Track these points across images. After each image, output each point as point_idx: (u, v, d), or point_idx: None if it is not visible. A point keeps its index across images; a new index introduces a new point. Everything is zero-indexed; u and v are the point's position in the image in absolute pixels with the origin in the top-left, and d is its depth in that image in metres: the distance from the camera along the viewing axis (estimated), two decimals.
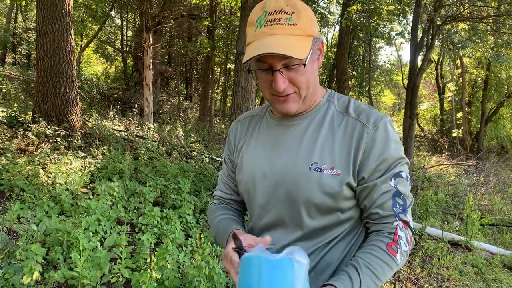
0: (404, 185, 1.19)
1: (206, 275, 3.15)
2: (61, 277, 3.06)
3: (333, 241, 1.23)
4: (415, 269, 4.88)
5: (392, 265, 1.15)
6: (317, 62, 1.22)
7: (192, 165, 7.19)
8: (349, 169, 1.17)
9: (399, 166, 1.18)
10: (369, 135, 1.17)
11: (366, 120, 1.20)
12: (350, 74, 18.15)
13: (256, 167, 1.30)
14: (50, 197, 4.40)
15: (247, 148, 1.36)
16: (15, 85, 13.16)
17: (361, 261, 1.13)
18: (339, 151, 1.18)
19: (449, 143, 20.94)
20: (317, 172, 1.17)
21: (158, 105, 16.30)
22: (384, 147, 1.17)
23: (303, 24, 1.12)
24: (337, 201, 1.19)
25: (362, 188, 1.19)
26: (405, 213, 1.18)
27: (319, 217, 1.21)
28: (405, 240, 1.17)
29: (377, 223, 1.20)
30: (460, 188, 9.55)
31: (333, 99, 1.29)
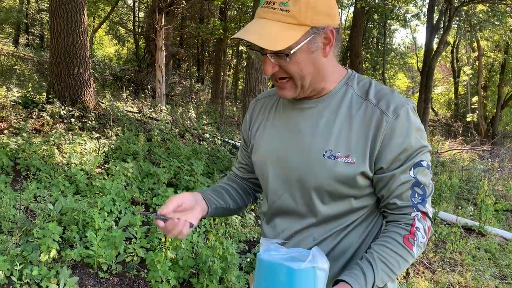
0: (424, 174, 1.14)
1: (220, 255, 3.17)
2: (77, 256, 3.11)
3: (348, 228, 1.21)
4: (428, 254, 4.87)
5: (408, 258, 1.12)
6: (321, 51, 1.13)
7: (205, 147, 7.20)
8: (365, 158, 1.13)
9: (420, 155, 1.13)
10: (388, 123, 1.11)
11: (386, 107, 1.13)
12: (364, 57, 17.92)
13: (270, 150, 1.28)
14: (66, 176, 4.45)
15: (264, 129, 1.33)
16: (29, 66, 13.24)
17: (376, 255, 1.11)
18: (356, 138, 1.14)
19: (464, 127, 20.68)
20: (331, 160, 1.14)
21: (170, 87, 16.30)
22: (405, 137, 1.12)
23: (298, 11, 1.06)
24: (351, 189, 1.16)
25: (379, 178, 1.15)
26: (424, 203, 1.14)
27: (332, 203, 1.18)
28: (422, 232, 1.13)
29: (395, 214, 1.17)
30: (474, 173, 9.46)
31: (352, 82, 1.21)
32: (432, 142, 14.75)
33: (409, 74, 30.45)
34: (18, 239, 3.07)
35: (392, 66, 23.05)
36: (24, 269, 2.80)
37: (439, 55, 11.46)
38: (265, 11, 1.09)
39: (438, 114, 26.15)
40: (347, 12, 24.46)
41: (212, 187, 1.44)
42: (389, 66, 22.21)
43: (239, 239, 4.14)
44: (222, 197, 1.39)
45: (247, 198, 1.50)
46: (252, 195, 1.52)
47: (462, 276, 4.42)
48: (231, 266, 3.16)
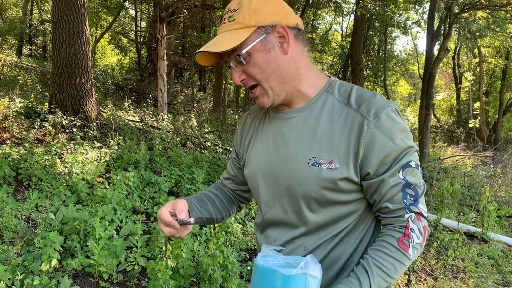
0: (414, 174, 1.14)
1: (220, 263, 3.17)
2: (78, 265, 3.12)
3: (338, 236, 1.21)
4: (430, 260, 4.85)
5: (404, 260, 1.12)
6: (279, 50, 1.17)
7: (206, 156, 7.22)
8: (348, 163, 1.13)
9: (407, 156, 1.13)
10: (369, 127, 1.11)
11: (366, 111, 1.13)
12: (365, 64, 17.95)
13: (260, 162, 1.30)
14: (67, 186, 4.47)
15: (254, 142, 1.36)
16: (32, 76, 13.33)
17: (371, 260, 1.11)
18: (338, 144, 1.14)
19: (466, 133, 20.65)
20: (316, 167, 1.15)
21: (172, 95, 16.36)
22: (388, 139, 1.12)
23: (242, 17, 1.14)
24: (337, 195, 1.16)
25: (369, 184, 1.15)
26: (417, 204, 1.14)
27: (321, 211, 1.19)
28: (417, 233, 1.13)
29: (388, 217, 1.17)
30: (476, 179, 9.43)
31: (333, 89, 1.22)
32: (435, 148, 14.73)
33: (410, 80, 30.46)
34: (19, 249, 3.08)
35: (394, 73, 23.05)
36: (26, 278, 2.81)
37: (440, 61, 11.47)
38: (220, 28, 1.20)
39: (440, 120, 26.12)
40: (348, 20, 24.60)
41: (197, 195, 1.46)
42: (390, 73, 22.21)
43: (240, 247, 4.14)
44: (205, 207, 1.42)
45: (231, 208, 1.52)
46: (237, 205, 1.55)
47: (464, 283, 4.40)
48: (232, 274, 3.16)
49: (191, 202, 1.37)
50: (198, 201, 1.41)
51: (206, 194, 1.47)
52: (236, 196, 1.54)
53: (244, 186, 1.49)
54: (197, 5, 15.15)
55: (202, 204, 1.41)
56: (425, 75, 11.31)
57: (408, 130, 1.17)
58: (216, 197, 1.48)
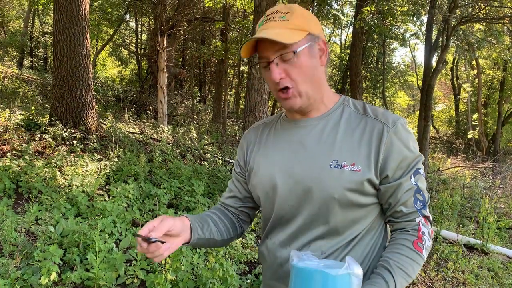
0: (422, 181, 1.23)
1: (220, 277, 3.17)
2: (77, 278, 3.12)
3: (354, 240, 1.25)
4: (429, 273, 4.84)
5: (420, 261, 1.19)
6: (318, 60, 1.24)
7: (206, 167, 7.23)
8: (370, 166, 1.19)
9: (418, 164, 1.23)
10: (389, 133, 1.20)
11: (385, 119, 1.23)
12: (364, 76, 18.05)
13: (275, 168, 1.30)
14: (67, 199, 4.47)
15: (263, 150, 1.37)
16: (33, 88, 13.39)
17: (392, 262, 1.16)
18: (358, 148, 1.21)
19: (465, 145, 20.68)
20: (338, 169, 1.19)
21: (172, 107, 16.42)
22: (404, 146, 1.21)
23: (296, 20, 1.20)
24: (359, 197, 1.20)
25: (387, 187, 1.22)
26: (425, 208, 1.22)
27: (339, 213, 1.22)
28: (428, 235, 1.21)
29: (401, 221, 1.23)
30: (476, 191, 9.43)
31: (348, 102, 1.32)
32: (434, 159, 14.74)
33: (409, 92, 30.57)
34: (19, 262, 3.08)
35: (392, 85, 23.16)
36: None
37: (438, 73, 11.54)
38: (267, 24, 1.22)
39: (439, 131, 26.18)
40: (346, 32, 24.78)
41: (200, 215, 1.38)
42: (389, 85, 22.32)
43: (239, 260, 4.13)
44: (208, 228, 1.35)
45: (234, 231, 1.45)
46: (239, 228, 1.48)
47: None
48: (231, 287, 3.15)
49: (194, 222, 1.30)
50: (201, 221, 1.33)
51: (208, 215, 1.41)
52: (239, 215, 1.49)
53: (249, 202, 1.47)
54: (197, 18, 15.30)
55: (205, 225, 1.34)
56: (423, 86, 11.38)
57: (416, 141, 1.27)
58: (219, 218, 1.42)
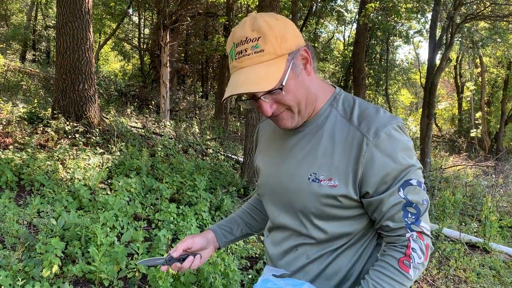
0: (416, 193, 1.12)
1: (221, 272, 3.17)
2: (79, 271, 3.11)
3: (341, 248, 1.22)
4: (431, 271, 4.83)
5: (405, 281, 1.11)
6: (304, 72, 1.16)
7: (208, 163, 7.23)
8: (347, 182, 1.13)
9: (408, 175, 1.11)
10: (369, 146, 1.10)
11: (367, 129, 1.12)
12: (367, 73, 17.97)
13: (266, 173, 1.34)
14: (69, 192, 4.47)
15: (264, 154, 1.39)
16: (35, 81, 13.39)
17: (371, 283, 1.11)
18: (338, 162, 1.14)
19: (467, 143, 20.63)
20: (316, 183, 1.16)
21: (175, 102, 16.41)
22: (388, 158, 1.11)
23: (272, 46, 1.08)
24: (338, 210, 1.17)
25: (368, 202, 1.15)
26: (418, 223, 1.12)
27: (322, 225, 1.19)
28: (419, 252, 1.12)
29: (390, 235, 1.17)
30: (478, 189, 9.41)
31: (337, 103, 1.22)
32: (436, 158, 14.71)
33: (412, 89, 30.50)
34: (20, 254, 3.08)
35: (396, 82, 23.10)
36: (26, 284, 2.80)
37: (442, 71, 11.49)
38: (241, 61, 1.10)
39: (442, 129, 26.12)
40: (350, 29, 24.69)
41: (230, 216, 1.57)
42: (392, 82, 22.25)
43: (241, 255, 4.13)
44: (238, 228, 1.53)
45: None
46: None
47: None
48: (233, 282, 3.15)
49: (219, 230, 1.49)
50: (228, 225, 1.52)
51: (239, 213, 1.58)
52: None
53: None
54: (200, 13, 15.25)
55: (233, 226, 1.52)
56: (427, 84, 11.34)
57: (410, 148, 1.15)
58: (252, 210, 1.58)
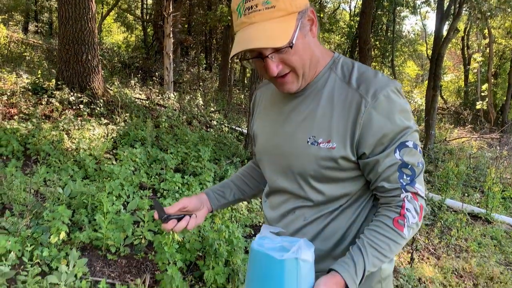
0: (411, 154, 1.13)
1: (226, 238, 3.22)
2: (86, 238, 3.18)
3: (338, 209, 1.23)
4: (433, 240, 4.89)
5: (399, 240, 1.14)
6: (310, 33, 1.15)
7: (212, 134, 7.25)
8: (345, 143, 1.14)
9: (404, 136, 1.13)
10: (367, 108, 1.11)
11: (365, 91, 1.13)
12: (373, 44, 17.74)
13: (264, 138, 1.34)
14: (75, 161, 4.51)
15: (261, 119, 1.39)
16: (38, 53, 13.31)
17: (366, 241, 1.13)
18: (336, 124, 1.15)
19: (473, 116, 20.50)
20: (314, 146, 1.17)
21: (178, 74, 16.31)
22: (385, 120, 1.11)
23: (283, 2, 1.07)
24: (336, 172, 1.18)
25: (364, 163, 1.16)
26: (413, 184, 1.14)
27: (320, 187, 1.21)
28: (413, 212, 1.14)
29: (385, 196, 1.18)
30: (482, 161, 9.41)
31: (336, 66, 1.22)
32: (441, 130, 14.66)
33: (418, 61, 30.11)
34: (28, 221, 3.14)
35: (402, 54, 22.80)
36: (35, 250, 2.87)
37: (449, 42, 11.32)
38: (251, 16, 1.08)
39: (447, 102, 25.92)
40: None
41: (223, 181, 1.57)
42: (398, 54, 21.97)
43: (245, 223, 4.19)
44: (231, 192, 1.53)
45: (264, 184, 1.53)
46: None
47: (467, 262, 4.44)
48: (237, 249, 3.20)
49: (212, 193, 1.49)
50: (220, 189, 1.52)
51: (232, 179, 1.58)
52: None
53: None
54: None
55: (226, 190, 1.52)
56: (433, 55, 11.19)
57: (407, 110, 1.16)
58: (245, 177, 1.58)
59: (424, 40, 23.57)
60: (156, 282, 3.02)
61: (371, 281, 1.25)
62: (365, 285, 1.23)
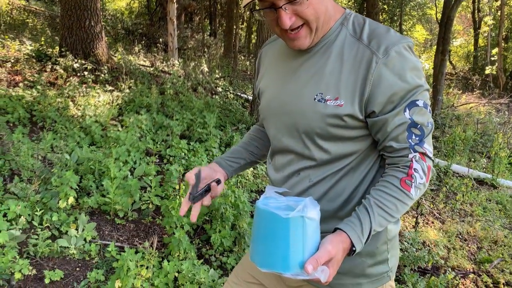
0: (421, 114, 1.11)
1: (232, 203, 3.25)
2: (94, 203, 3.22)
3: (344, 169, 1.21)
4: (438, 204, 4.92)
5: (406, 200, 1.13)
6: None
7: (217, 101, 7.21)
8: (354, 101, 1.11)
9: (415, 95, 1.10)
10: (378, 64, 1.08)
11: (377, 47, 1.09)
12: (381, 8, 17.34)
13: (270, 95, 1.31)
14: (81, 128, 4.53)
15: (267, 76, 1.36)
16: (41, 20, 13.15)
17: (373, 201, 1.11)
18: (345, 80, 1.12)
19: (482, 81, 20.19)
20: (321, 103, 1.14)
21: (183, 41, 16.10)
22: (397, 77, 1.08)
23: None
24: (343, 130, 1.15)
25: (373, 122, 1.13)
26: (422, 144, 1.12)
27: (326, 146, 1.19)
28: (421, 173, 1.12)
29: (392, 156, 1.16)
30: (489, 126, 9.34)
31: (347, 22, 1.18)
32: (449, 95, 14.50)
33: (427, 26, 29.46)
34: (37, 187, 3.18)
35: (410, 18, 22.29)
36: (44, 215, 2.92)
37: (459, 4, 11.01)
38: None
39: (456, 67, 25.50)
40: None
41: (232, 148, 1.56)
42: (406, 17, 21.48)
43: (250, 189, 4.22)
44: (242, 156, 1.52)
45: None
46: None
47: (471, 226, 4.47)
48: (243, 213, 3.24)
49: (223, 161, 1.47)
50: (230, 155, 1.50)
51: (241, 144, 1.56)
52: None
53: None
54: None
55: (236, 155, 1.51)
56: (442, 18, 10.93)
57: (419, 68, 1.12)
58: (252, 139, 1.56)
59: (433, 3, 22.96)
60: (164, 245, 3.08)
61: (377, 241, 1.25)
62: (371, 245, 1.24)
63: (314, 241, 1.03)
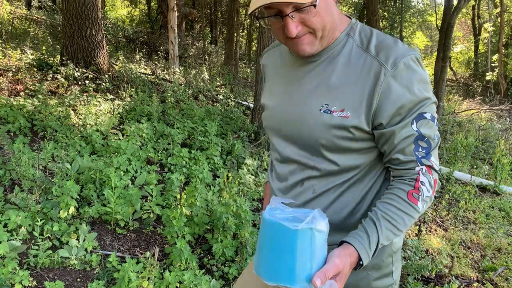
0: (428, 126, 1.10)
1: (233, 212, 3.23)
2: (95, 213, 3.20)
3: (349, 181, 1.20)
4: (441, 212, 4.89)
5: (413, 213, 1.11)
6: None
7: (218, 109, 7.21)
8: (360, 112, 1.10)
9: (423, 108, 1.09)
10: (386, 76, 1.07)
11: (385, 59, 1.08)
12: (381, 15, 17.40)
13: (273, 104, 1.30)
14: (82, 137, 4.52)
15: (271, 83, 1.35)
16: (42, 29, 13.20)
17: (380, 213, 1.10)
18: (352, 92, 1.11)
19: (482, 87, 20.19)
20: (327, 114, 1.13)
21: (183, 48, 16.15)
22: (405, 90, 1.07)
23: None
24: (348, 142, 1.14)
25: (380, 134, 1.12)
26: (429, 157, 1.11)
27: (331, 157, 1.17)
28: (428, 186, 1.11)
29: (399, 169, 1.15)
30: (491, 133, 9.32)
31: (354, 32, 1.17)
32: (450, 102, 14.50)
33: (427, 32, 29.56)
34: (38, 197, 3.17)
35: (410, 24, 22.36)
36: (45, 225, 2.90)
37: (459, 11, 11.04)
38: None
39: (456, 73, 25.52)
40: None
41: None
42: (407, 24, 21.54)
43: (252, 197, 4.20)
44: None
45: None
46: None
47: (474, 233, 4.44)
48: (245, 222, 3.22)
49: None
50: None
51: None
52: None
53: None
54: None
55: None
56: (443, 25, 10.96)
57: (427, 81, 1.12)
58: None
59: (433, 10, 23.03)
60: (165, 255, 3.06)
61: (382, 254, 1.24)
62: (377, 258, 1.22)
63: (322, 254, 1.01)
